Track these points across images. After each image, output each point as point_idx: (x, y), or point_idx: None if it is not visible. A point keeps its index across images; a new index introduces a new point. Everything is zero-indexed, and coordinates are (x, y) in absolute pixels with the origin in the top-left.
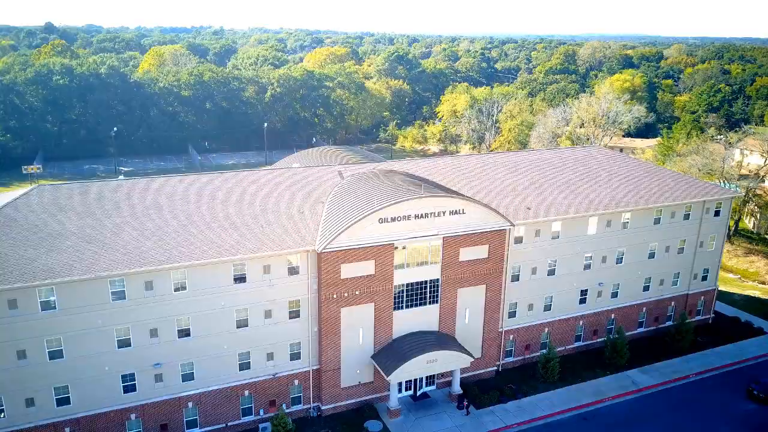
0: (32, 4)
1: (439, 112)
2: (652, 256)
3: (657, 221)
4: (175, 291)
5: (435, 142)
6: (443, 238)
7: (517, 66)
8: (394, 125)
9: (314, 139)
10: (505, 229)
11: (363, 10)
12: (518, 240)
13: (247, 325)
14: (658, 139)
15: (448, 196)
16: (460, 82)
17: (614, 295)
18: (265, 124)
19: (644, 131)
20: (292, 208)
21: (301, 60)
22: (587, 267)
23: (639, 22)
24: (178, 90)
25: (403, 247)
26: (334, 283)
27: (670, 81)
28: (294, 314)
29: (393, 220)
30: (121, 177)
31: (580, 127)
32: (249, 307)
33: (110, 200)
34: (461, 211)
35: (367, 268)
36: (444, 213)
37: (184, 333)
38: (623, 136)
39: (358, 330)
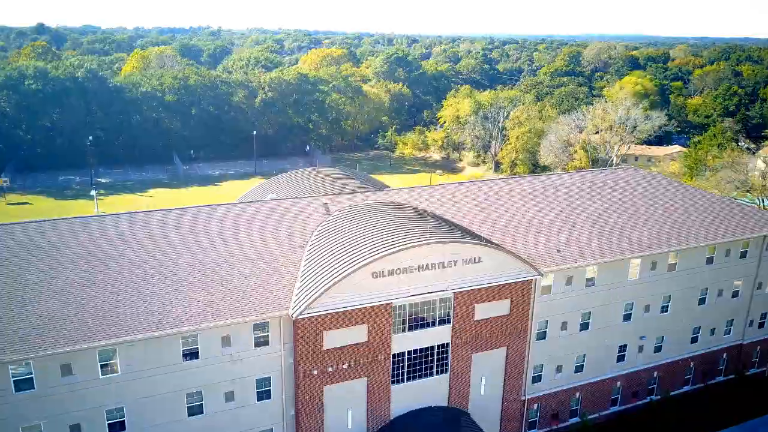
0: (30, 5)
1: (441, 118)
2: (702, 301)
3: (709, 261)
4: (103, 375)
5: (436, 149)
6: (455, 293)
7: (519, 67)
8: (393, 131)
9: (308, 147)
10: (531, 279)
11: (362, 10)
12: (546, 290)
13: (202, 412)
14: (678, 147)
15: (460, 241)
16: (462, 85)
17: (657, 349)
18: (254, 132)
19: (660, 138)
20: (263, 256)
21: (296, 62)
22: (627, 318)
23: (638, 22)
24: (162, 95)
25: (404, 306)
26: (314, 355)
27: (679, 83)
28: (263, 395)
29: (390, 273)
30: (93, 192)
31: (595, 134)
32: (204, 390)
33: (33, 247)
34: (477, 260)
35: (357, 334)
36: (455, 262)
37: (118, 427)
38: (639, 143)
39: (346, 411)
